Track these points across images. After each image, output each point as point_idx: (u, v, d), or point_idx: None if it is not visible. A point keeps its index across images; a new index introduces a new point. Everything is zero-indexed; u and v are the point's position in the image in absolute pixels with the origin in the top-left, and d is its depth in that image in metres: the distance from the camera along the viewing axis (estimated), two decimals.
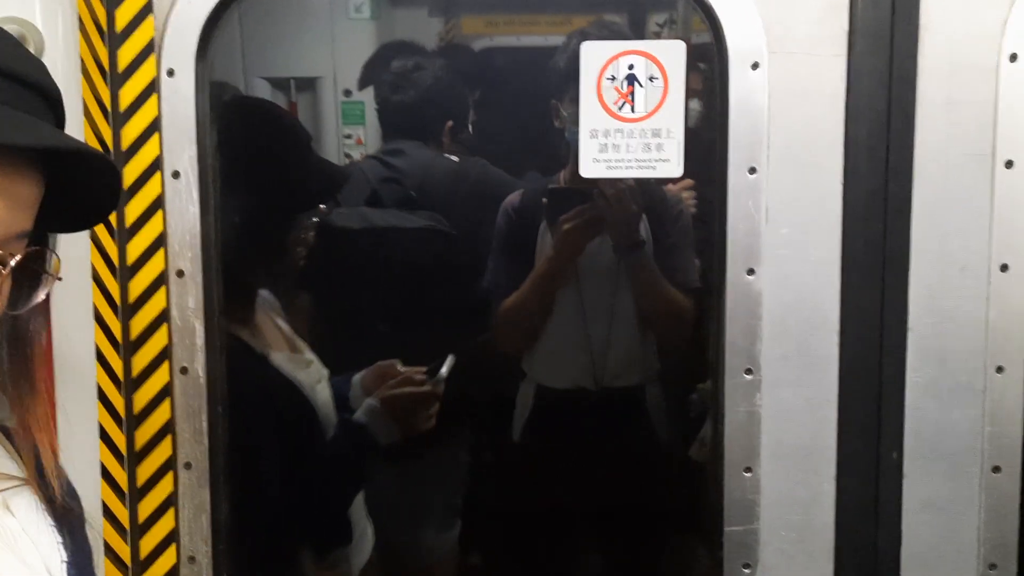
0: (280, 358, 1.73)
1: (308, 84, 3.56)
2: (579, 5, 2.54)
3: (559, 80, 2.13)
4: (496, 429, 2.59)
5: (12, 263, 0.77)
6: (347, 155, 3.63)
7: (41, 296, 0.84)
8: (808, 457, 1.32)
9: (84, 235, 1.28)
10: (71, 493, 0.95)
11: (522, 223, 2.28)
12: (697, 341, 2.12)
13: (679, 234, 2.17)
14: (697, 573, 2.19)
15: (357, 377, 1.88)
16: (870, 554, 1.31)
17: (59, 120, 0.83)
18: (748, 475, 1.32)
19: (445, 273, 2.47)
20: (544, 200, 2.10)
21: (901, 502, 1.31)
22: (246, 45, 3.21)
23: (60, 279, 0.86)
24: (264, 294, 1.80)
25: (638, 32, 3.20)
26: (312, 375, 1.81)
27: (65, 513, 0.91)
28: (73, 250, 1.24)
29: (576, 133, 2.08)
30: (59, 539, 0.89)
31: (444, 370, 1.83)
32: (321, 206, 2.00)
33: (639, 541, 2.34)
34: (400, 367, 1.86)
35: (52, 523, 0.90)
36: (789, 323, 1.30)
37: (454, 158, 2.61)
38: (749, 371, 1.31)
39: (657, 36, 3.34)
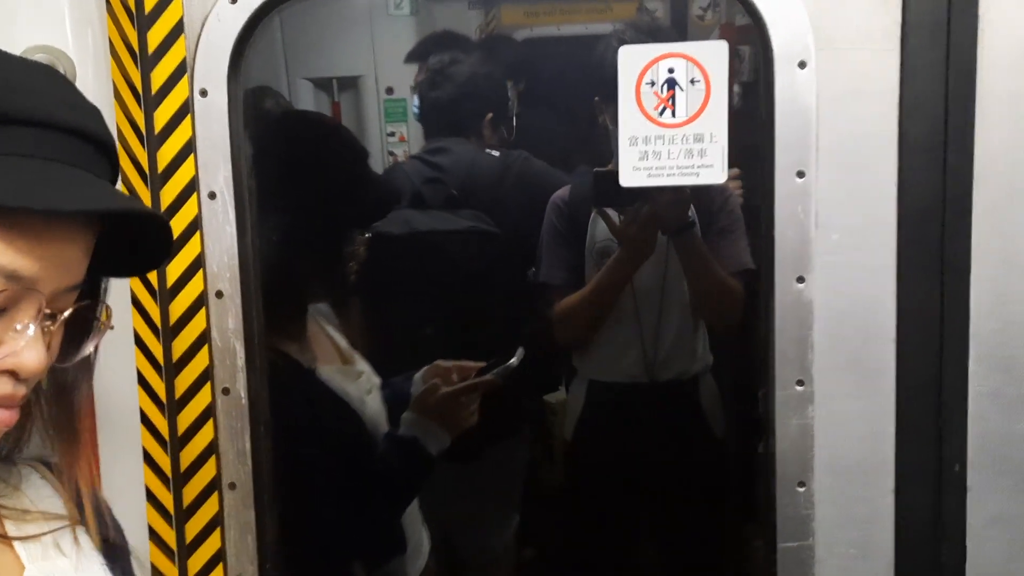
0: (329, 372, 1.73)
1: (350, 83, 3.55)
2: None
3: (600, 78, 2.10)
4: (548, 425, 2.57)
5: (62, 318, 0.77)
6: (391, 152, 3.62)
7: (91, 347, 0.83)
8: (865, 471, 1.27)
9: None
10: (117, 530, 0.95)
11: (573, 215, 2.26)
12: (752, 327, 2.07)
13: (728, 218, 2.13)
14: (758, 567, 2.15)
15: (419, 375, 1.87)
16: (933, 572, 1.26)
17: (113, 164, 0.82)
18: (802, 490, 1.28)
19: (491, 271, 2.45)
20: (592, 183, 2.07)
21: (965, 517, 1.25)
22: (287, 48, 3.21)
23: (112, 328, 0.85)
24: (319, 307, 1.80)
25: (680, 20, 3.12)
26: (362, 386, 1.80)
27: (114, 551, 0.92)
28: None
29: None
30: None
31: (515, 360, 1.81)
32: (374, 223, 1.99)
33: (694, 532, 2.31)
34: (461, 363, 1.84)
35: (103, 562, 0.90)
36: (842, 332, 1.25)
37: (495, 152, 2.58)
38: (800, 383, 1.26)
39: (701, 21, 3.26)
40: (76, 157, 0.75)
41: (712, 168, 1.26)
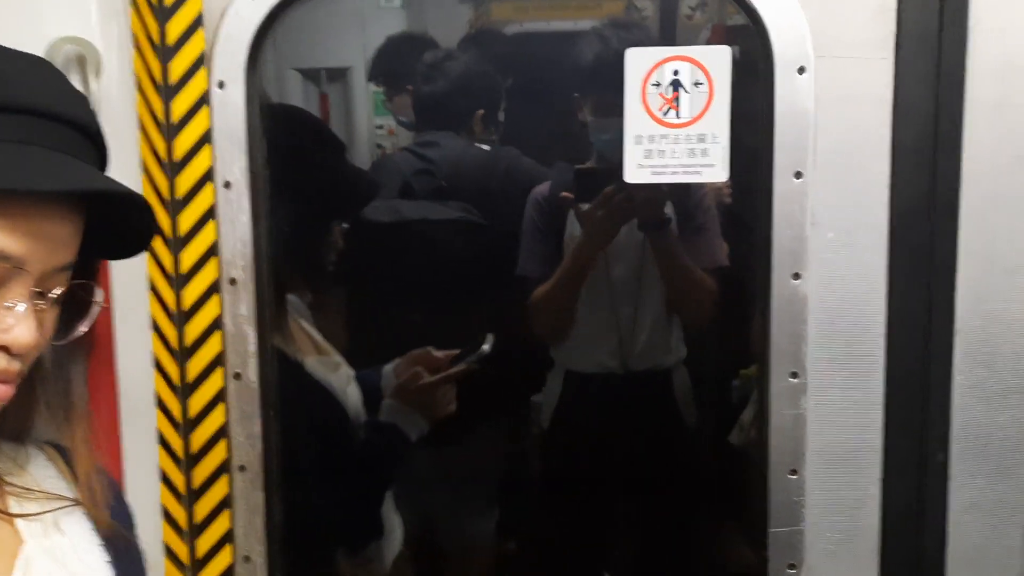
0: (312, 363, 1.76)
1: (339, 74, 3.56)
2: None
3: (582, 75, 2.16)
4: (526, 417, 2.62)
5: (52, 296, 0.80)
6: (379, 145, 3.64)
7: (86, 326, 0.85)
8: (854, 459, 1.33)
9: None
10: (119, 512, 0.96)
11: (551, 211, 2.31)
12: (725, 323, 2.14)
13: (704, 215, 2.18)
14: (734, 556, 2.21)
15: (389, 367, 1.90)
16: (915, 556, 1.33)
17: (100, 151, 0.84)
18: (793, 477, 1.34)
19: (477, 263, 2.49)
20: (573, 180, 2.12)
21: (947, 504, 1.31)
22: (277, 37, 3.21)
23: (105, 307, 0.88)
24: (293, 299, 1.83)
25: (670, 18, 3.18)
26: (342, 377, 1.83)
27: (114, 533, 0.93)
28: (130, 260, 1.27)
29: (600, 137, 2.11)
30: (107, 558, 0.91)
31: (487, 346, 1.85)
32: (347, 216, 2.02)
33: (669, 522, 2.37)
34: (434, 353, 1.87)
35: (101, 542, 0.92)
36: (835, 327, 1.31)
37: (485, 147, 2.62)
38: (795, 375, 1.32)
39: (689, 20, 3.31)
40: (59, 142, 0.78)
41: (714, 167, 1.32)
